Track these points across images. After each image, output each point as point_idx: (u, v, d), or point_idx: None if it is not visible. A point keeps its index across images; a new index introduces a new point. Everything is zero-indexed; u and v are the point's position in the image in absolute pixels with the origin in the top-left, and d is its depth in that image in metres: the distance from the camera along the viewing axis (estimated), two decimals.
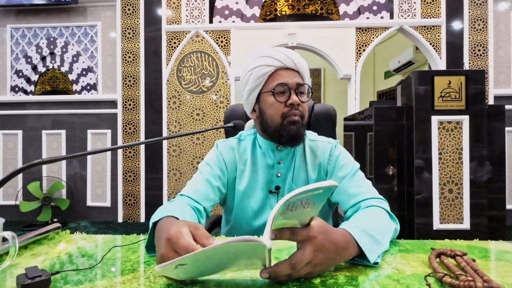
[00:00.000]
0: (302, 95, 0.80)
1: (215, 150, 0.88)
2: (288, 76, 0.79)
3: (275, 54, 0.79)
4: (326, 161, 0.84)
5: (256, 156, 0.87)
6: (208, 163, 0.85)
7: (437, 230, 1.80)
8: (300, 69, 0.81)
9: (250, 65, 0.82)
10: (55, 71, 3.38)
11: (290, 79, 0.78)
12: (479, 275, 0.44)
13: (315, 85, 5.42)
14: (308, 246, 0.45)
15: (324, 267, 0.47)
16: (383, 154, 1.97)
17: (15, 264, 0.54)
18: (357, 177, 0.80)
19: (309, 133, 0.90)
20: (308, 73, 0.84)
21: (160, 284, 0.45)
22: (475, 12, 2.97)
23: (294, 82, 0.78)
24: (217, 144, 0.90)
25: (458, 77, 1.81)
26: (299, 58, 0.81)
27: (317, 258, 0.45)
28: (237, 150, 0.88)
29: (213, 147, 0.90)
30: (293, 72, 0.80)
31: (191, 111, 3.17)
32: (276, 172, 0.84)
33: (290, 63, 0.79)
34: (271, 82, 0.79)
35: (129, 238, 0.67)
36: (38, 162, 0.49)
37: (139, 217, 3.18)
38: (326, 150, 0.85)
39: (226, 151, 0.87)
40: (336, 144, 0.87)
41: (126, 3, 3.16)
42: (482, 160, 1.81)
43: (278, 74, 0.79)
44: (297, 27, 3.11)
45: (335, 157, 0.84)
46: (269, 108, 0.80)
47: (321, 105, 1.12)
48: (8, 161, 3.31)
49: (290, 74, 0.79)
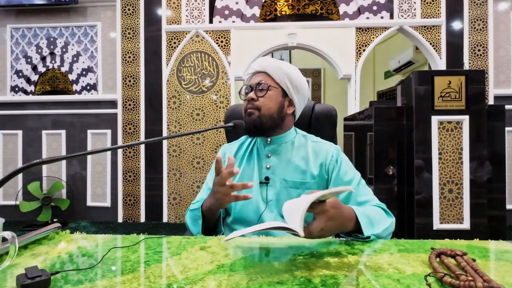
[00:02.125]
0: (262, 91, 0.90)
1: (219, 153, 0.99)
2: (254, 78, 0.93)
3: (253, 63, 0.95)
4: (328, 162, 0.90)
5: (253, 149, 0.97)
6: (212, 169, 0.98)
7: (437, 230, 1.80)
8: (267, 69, 0.92)
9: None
10: (55, 71, 3.38)
11: (254, 80, 0.93)
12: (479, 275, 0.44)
13: (315, 85, 5.42)
14: (322, 217, 0.59)
15: (331, 232, 0.61)
16: (383, 154, 1.97)
17: (15, 264, 0.54)
18: (362, 186, 0.88)
19: (311, 136, 0.98)
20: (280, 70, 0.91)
21: (160, 284, 0.45)
22: (475, 12, 2.97)
23: (256, 82, 0.91)
24: (223, 146, 1.04)
25: (458, 77, 1.81)
26: (267, 60, 0.93)
27: (328, 225, 0.59)
28: (239, 148, 1.00)
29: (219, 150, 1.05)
30: (260, 74, 0.93)
31: (191, 111, 3.17)
32: (266, 164, 0.92)
33: (257, 67, 0.93)
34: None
35: (129, 238, 0.67)
36: (38, 162, 0.49)
37: (139, 217, 3.18)
38: (329, 152, 0.92)
39: (229, 151, 1.00)
40: (339, 148, 0.95)
41: (126, 3, 3.17)
42: (482, 160, 1.81)
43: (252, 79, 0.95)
44: (297, 27, 3.11)
45: (338, 160, 0.91)
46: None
47: (321, 105, 1.12)
48: (8, 161, 3.31)
49: (257, 76, 0.93)
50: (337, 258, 0.55)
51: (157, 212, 3.16)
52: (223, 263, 0.53)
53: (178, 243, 0.64)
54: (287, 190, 0.89)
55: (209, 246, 0.62)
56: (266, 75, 0.92)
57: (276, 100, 0.90)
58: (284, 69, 0.91)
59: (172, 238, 0.68)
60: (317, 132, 1.04)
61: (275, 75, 0.91)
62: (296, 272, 0.49)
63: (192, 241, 0.66)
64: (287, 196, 0.88)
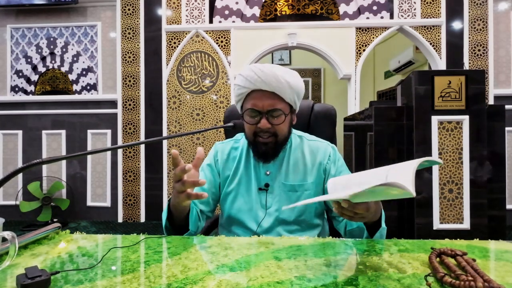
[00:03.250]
0: (275, 118, 0.82)
1: (211, 152, 0.96)
2: (260, 99, 0.80)
3: (249, 76, 0.80)
4: (326, 161, 0.90)
5: (249, 155, 0.92)
6: (202, 168, 0.92)
7: (437, 230, 1.80)
8: (276, 89, 0.80)
9: (235, 79, 0.88)
10: (55, 71, 3.38)
11: (262, 102, 0.80)
12: (479, 274, 0.44)
13: (315, 85, 5.42)
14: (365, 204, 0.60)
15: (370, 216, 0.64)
16: (383, 154, 1.97)
17: (15, 264, 0.54)
18: None
19: (306, 135, 0.96)
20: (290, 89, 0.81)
21: (160, 284, 0.45)
22: (475, 12, 2.97)
23: (266, 105, 0.80)
24: (215, 146, 0.97)
25: (458, 77, 1.81)
26: (275, 77, 0.79)
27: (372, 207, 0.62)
28: (232, 150, 0.94)
29: (212, 149, 0.97)
30: (267, 94, 0.80)
31: (191, 111, 3.17)
32: (265, 171, 0.89)
33: (262, 85, 0.79)
34: (246, 104, 0.84)
35: (129, 238, 0.67)
36: (38, 162, 0.49)
37: (139, 217, 3.18)
38: (326, 151, 0.91)
39: (221, 152, 0.94)
40: (334, 147, 0.94)
41: (126, 3, 3.16)
42: (482, 160, 1.81)
43: (252, 97, 0.82)
44: (297, 27, 3.11)
45: (335, 160, 0.90)
46: (245, 124, 0.85)
47: (321, 105, 1.12)
48: (8, 161, 3.31)
49: (263, 97, 0.80)
50: (337, 258, 0.55)
51: (157, 212, 3.16)
52: (223, 263, 0.53)
53: (178, 243, 0.64)
54: (286, 194, 0.87)
55: (209, 246, 0.62)
56: (274, 95, 0.81)
57: (288, 121, 0.85)
58: (291, 85, 0.82)
59: (172, 238, 0.68)
60: (317, 132, 1.04)
61: (284, 94, 0.82)
62: (296, 272, 0.49)
63: (192, 241, 0.66)
64: (287, 201, 0.86)
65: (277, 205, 0.87)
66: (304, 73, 5.25)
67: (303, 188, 0.87)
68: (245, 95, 0.83)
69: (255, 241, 0.65)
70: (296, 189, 0.87)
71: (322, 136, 0.98)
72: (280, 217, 0.86)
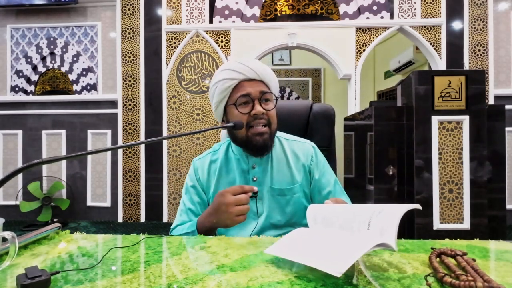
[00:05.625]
0: (267, 103, 0.81)
1: (191, 171, 0.91)
2: (251, 86, 0.79)
3: (237, 67, 0.80)
4: (309, 162, 0.87)
5: (230, 163, 0.88)
6: (187, 189, 0.89)
7: (437, 230, 1.80)
8: (264, 78, 0.81)
9: (214, 78, 0.84)
10: (55, 71, 3.38)
11: (253, 88, 0.79)
12: (479, 274, 0.44)
13: (315, 85, 5.42)
14: None
15: None
16: (383, 154, 1.97)
17: (15, 264, 0.54)
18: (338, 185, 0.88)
19: (282, 134, 0.92)
20: (274, 82, 0.84)
21: (160, 284, 0.45)
22: (475, 12, 2.97)
23: (257, 91, 0.79)
24: (193, 164, 0.92)
25: (458, 77, 1.81)
26: (262, 67, 0.81)
27: None
28: (211, 163, 0.89)
29: (190, 167, 0.92)
30: (256, 82, 0.80)
31: (191, 111, 3.17)
32: (252, 177, 0.85)
33: (252, 74, 0.79)
34: (234, 94, 0.81)
35: (129, 238, 0.67)
36: (38, 162, 0.49)
37: (139, 217, 3.18)
38: (308, 151, 0.88)
39: (201, 169, 0.90)
40: (315, 146, 0.91)
41: (126, 3, 3.16)
42: (482, 160, 1.81)
43: (241, 86, 0.80)
44: (297, 27, 3.11)
45: (317, 161, 0.88)
46: (234, 120, 0.81)
47: (319, 104, 1.12)
48: (8, 161, 3.31)
49: (253, 84, 0.80)
50: None
51: (157, 212, 3.16)
52: (223, 263, 0.53)
53: (178, 243, 0.64)
54: (275, 198, 0.84)
55: (209, 246, 0.62)
56: (262, 83, 0.81)
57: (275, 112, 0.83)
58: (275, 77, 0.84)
59: (172, 238, 0.68)
60: (315, 132, 1.04)
61: (270, 83, 0.82)
62: (296, 272, 0.48)
63: (192, 241, 0.66)
64: (277, 206, 0.84)
65: (267, 211, 0.84)
66: (304, 73, 5.25)
67: (292, 192, 0.85)
68: (232, 87, 0.80)
69: (255, 241, 0.65)
70: (285, 193, 0.84)
71: (321, 136, 0.98)
72: (270, 222, 0.84)
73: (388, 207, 0.53)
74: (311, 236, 0.58)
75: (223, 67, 0.82)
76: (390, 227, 0.48)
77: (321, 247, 0.52)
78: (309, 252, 0.50)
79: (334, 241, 0.53)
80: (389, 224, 0.49)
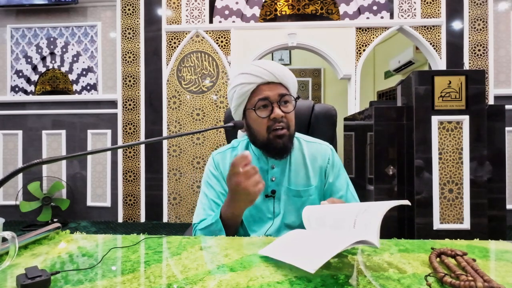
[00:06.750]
0: (287, 105, 0.81)
1: (211, 165, 0.89)
2: (270, 90, 0.79)
3: (254, 70, 0.80)
4: (326, 164, 0.87)
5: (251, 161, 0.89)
6: (208, 183, 0.87)
7: (437, 230, 1.80)
8: (283, 80, 0.80)
9: (232, 82, 0.84)
10: (55, 71, 3.38)
11: (272, 92, 0.79)
12: (479, 275, 0.44)
13: (315, 85, 5.42)
14: None
15: None
16: (383, 154, 1.97)
17: (15, 264, 0.54)
18: (351, 186, 0.88)
19: (302, 136, 0.92)
20: (293, 83, 0.83)
21: (160, 284, 0.45)
22: (475, 12, 2.97)
23: (276, 94, 0.79)
24: (212, 157, 0.91)
25: (458, 77, 1.81)
26: (280, 69, 0.80)
27: None
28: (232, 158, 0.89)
29: (209, 161, 0.91)
30: (275, 85, 0.80)
31: (191, 111, 3.17)
32: (271, 177, 0.86)
33: (270, 77, 0.79)
34: (253, 98, 0.80)
35: (129, 238, 0.67)
36: (38, 162, 0.49)
37: (139, 217, 3.18)
38: (326, 154, 0.88)
39: (222, 162, 0.89)
40: (333, 149, 0.91)
41: (126, 3, 3.16)
42: (482, 160, 1.81)
43: (260, 89, 0.80)
44: (297, 27, 3.11)
45: (334, 164, 0.88)
46: (254, 123, 0.81)
47: (321, 105, 1.12)
48: (8, 161, 3.31)
49: (272, 87, 0.79)
50: (337, 258, 0.55)
51: (157, 212, 3.16)
52: (223, 263, 0.53)
53: (178, 243, 0.64)
54: (291, 199, 0.85)
55: (209, 246, 0.62)
56: (281, 86, 0.81)
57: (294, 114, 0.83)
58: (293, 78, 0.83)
59: (172, 238, 0.68)
60: (317, 132, 1.04)
61: (289, 85, 0.82)
62: (296, 272, 0.48)
63: (192, 241, 0.65)
64: (292, 207, 0.85)
65: (283, 211, 0.85)
66: (304, 73, 5.25)
67: (308, 194, 0.85)
68: (250, 91, 0.80)
69: (255, 241, 0.65)
70: (301, 194, 0.85)
71: (322, 137, 0.97)
72: (285, 222, 0.85)
73: (374, 204, 0.54)
74: (302, 236, 0.59)
75: (241, 70, 0.82)
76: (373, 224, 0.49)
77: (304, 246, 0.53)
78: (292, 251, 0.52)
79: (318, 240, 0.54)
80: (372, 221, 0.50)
